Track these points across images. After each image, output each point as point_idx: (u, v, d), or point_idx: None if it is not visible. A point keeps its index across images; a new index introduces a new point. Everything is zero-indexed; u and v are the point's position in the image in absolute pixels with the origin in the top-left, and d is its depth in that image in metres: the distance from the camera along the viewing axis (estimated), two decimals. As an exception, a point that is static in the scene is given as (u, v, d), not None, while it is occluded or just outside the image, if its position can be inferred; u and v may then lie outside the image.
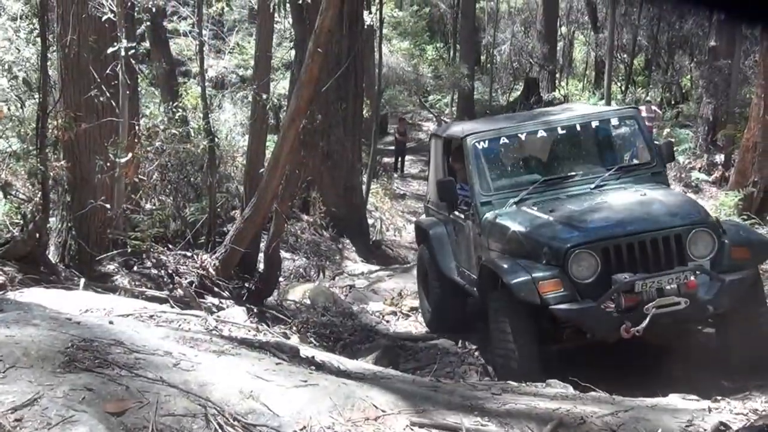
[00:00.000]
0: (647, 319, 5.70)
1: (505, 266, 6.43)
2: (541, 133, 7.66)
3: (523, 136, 7.66)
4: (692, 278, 5.89)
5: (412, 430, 2.55)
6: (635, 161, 7.92)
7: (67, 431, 2.15)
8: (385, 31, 21.63)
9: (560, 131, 7.63)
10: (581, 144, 8.10)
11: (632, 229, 6.17)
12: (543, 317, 6.21)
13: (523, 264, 6.27)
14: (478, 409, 2.87)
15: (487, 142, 7.52)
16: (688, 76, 31.00)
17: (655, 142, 7.83)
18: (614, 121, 7.72)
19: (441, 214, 8.60)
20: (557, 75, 33.60)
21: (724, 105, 21.81)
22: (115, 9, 7.54)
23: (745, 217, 14.99)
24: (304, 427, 2.47)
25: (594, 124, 7.72)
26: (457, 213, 7.91)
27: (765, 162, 15.22)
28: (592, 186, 7.12)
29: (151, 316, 5.08)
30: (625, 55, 30.60)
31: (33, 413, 2.18)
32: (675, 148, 7.91)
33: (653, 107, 21.30)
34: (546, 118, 8.13)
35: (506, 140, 7.63)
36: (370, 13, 15.96)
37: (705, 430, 2.51)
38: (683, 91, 30.82)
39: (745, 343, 6.16)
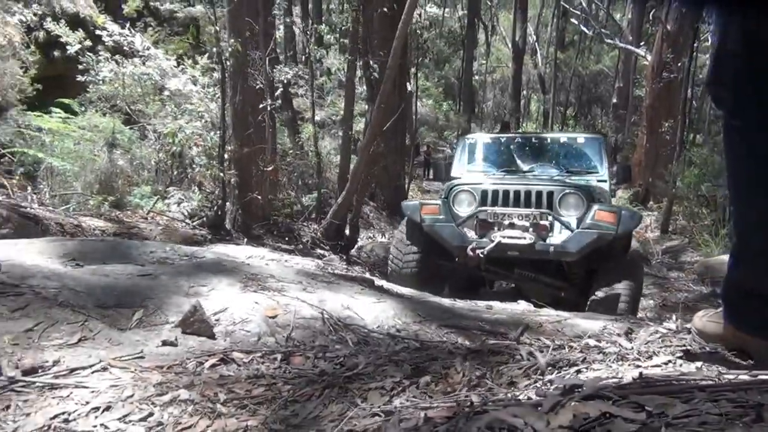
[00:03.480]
0: (493, 244, 4.51)
1: (418, 200, 5.34)
2: (518, 140, 6.35)
3: (503, 140, 6.39)
4: (544, 222, 4.58)
5: (440, 329, 2.56)
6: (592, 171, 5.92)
7: (244, 326, 2.20)
8: (418, 93, 21.55)
9: (533, 141, 6.33)
10: (547, 152, 6.20)
11: (511, 184, 4.88)
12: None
13: (425, 199, 5.27)
14: (478, 318, 2.87)
15: (474, 140, 6.46)
16: (600, 120, 31.24)
17: (620, 163, 6.25)
18: (580, 140, 6.09)
19: None
20: (521, 120, 33.60)
21: (622, 137, 22.24)
22: (263, 82, 7.62)
23: (636, 204, 15.05)
24: (378, 325, 2.49)
25: (562, 140, 6.19)
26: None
27: (646, 172, 15.63)
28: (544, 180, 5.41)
29: (286, 261, 5.15)
30: (561, 108, 30.78)
31: (225, 315, 2.24)
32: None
33: None
34: (528, 135, 6.85)
35: (489, 141, 6.44)
36: (410, 83, 15.87)
37: (616, 330, 2.48)
38: (597, 129, 30.78)
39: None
